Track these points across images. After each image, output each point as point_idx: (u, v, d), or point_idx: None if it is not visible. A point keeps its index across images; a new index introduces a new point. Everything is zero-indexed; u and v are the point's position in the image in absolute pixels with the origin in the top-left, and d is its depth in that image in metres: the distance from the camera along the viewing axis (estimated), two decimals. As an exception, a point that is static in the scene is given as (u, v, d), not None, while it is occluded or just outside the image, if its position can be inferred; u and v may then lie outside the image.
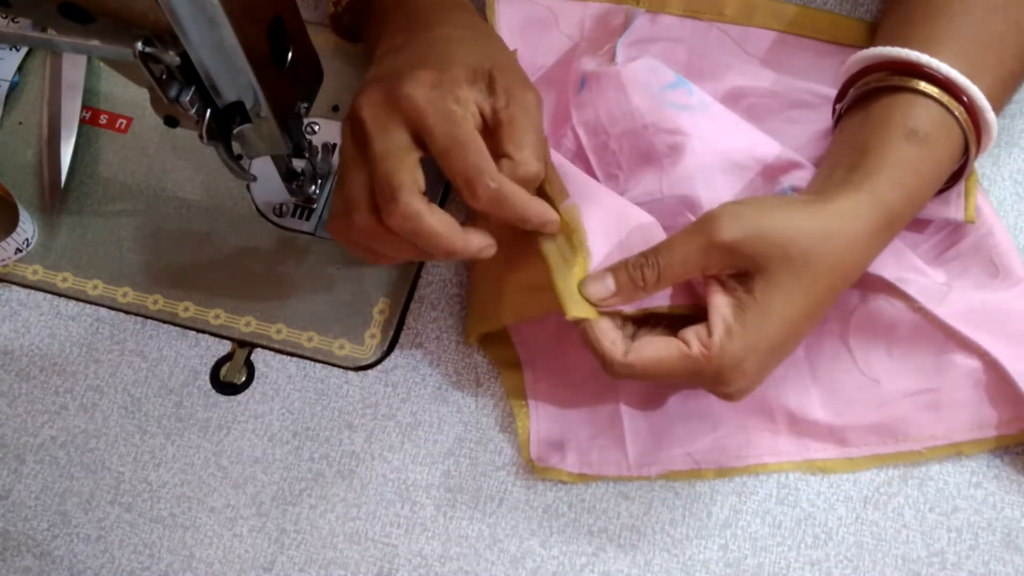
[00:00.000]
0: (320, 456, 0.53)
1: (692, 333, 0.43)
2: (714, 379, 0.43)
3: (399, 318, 0.56)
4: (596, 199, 0.48)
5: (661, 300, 0.47)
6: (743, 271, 0.43)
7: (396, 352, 0.55)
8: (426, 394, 0.54)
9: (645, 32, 0.59)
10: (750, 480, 0.51)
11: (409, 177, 0.43)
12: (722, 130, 0.51)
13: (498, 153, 0.44)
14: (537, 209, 0.44)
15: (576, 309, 0.45)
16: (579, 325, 0.45)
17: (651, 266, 0.44)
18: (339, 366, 0.55)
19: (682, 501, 0.51)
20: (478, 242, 0.45)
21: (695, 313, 0.46)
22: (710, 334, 0.43)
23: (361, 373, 0.55)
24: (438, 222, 0.43)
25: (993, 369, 0.49)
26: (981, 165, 0.56)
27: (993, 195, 0.55)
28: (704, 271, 0.44)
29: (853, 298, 0.51)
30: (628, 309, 0.46)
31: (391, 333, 0.55)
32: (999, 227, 0.52)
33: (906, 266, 0.50)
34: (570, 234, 0.47)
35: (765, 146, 0.51)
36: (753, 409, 0.51)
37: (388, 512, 0.52)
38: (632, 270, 0.44)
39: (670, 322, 0.46)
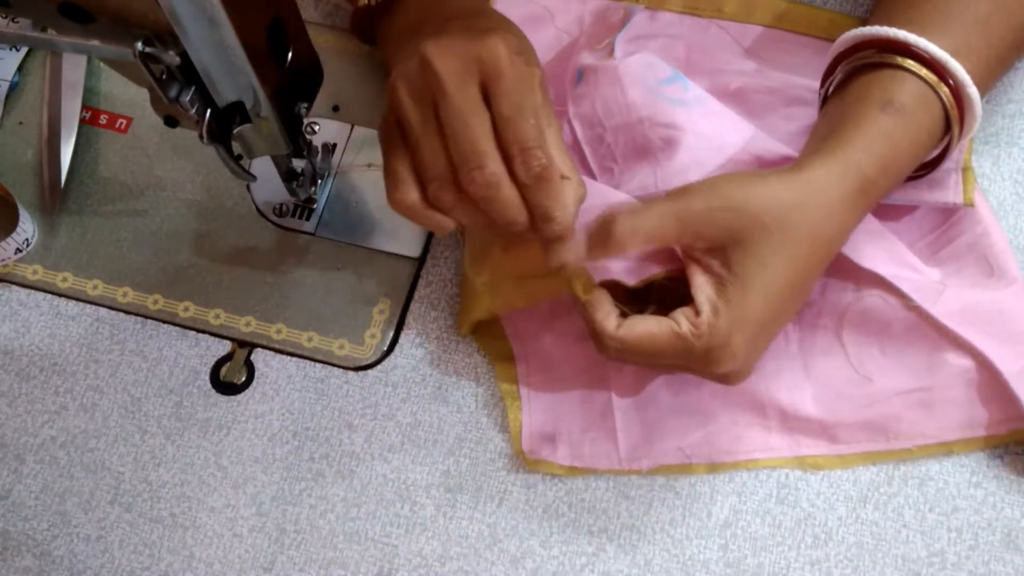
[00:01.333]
0: (320, 456, 0.53)
1: (680, 313, 0.44)
2: (704, 359, 0.43)
3: (399, 318, 0.56)
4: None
5: (664, 267, 0.46)
6: (719, 246, 0.43)
7: (396, 352, 0.55)
8: (426, 394, 0.54)
9: (644, 28, 0.59)
10: (750, 480, 0.51)
11: (491, 143, 0.42)
12: (717, 125, 0.52)
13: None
14: (567, 210, 0.44)
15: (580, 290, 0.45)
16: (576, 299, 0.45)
17: (621, 222, 0.44)
18: (339, 366, 0.55)
19: (682, 501, 0.51)
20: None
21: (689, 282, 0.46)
22: (697, 314, 0.43)
23: (361, 373, 0.55)
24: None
25: (985, 369, 0.49)
26: (981, 165, 0.56)
27: (993, 195, 0.55)
28: (678, 240, 0.44)
29: (848, 295, 0.51)
30: (630, 282, 0.46)
31: (391, 333, 0.56)
32: (995, 227, 0.52)
33: (901, 263, 0.50)
34: None
35: (760, 141, 0.51)
36: (745, 404, 0.52)
37: (388, 512, 0.52)
38: (602, 224, 0.44)
39: (661, 310, 0.46)
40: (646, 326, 0.44)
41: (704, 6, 0.60)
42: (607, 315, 0.45)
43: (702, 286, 0.44)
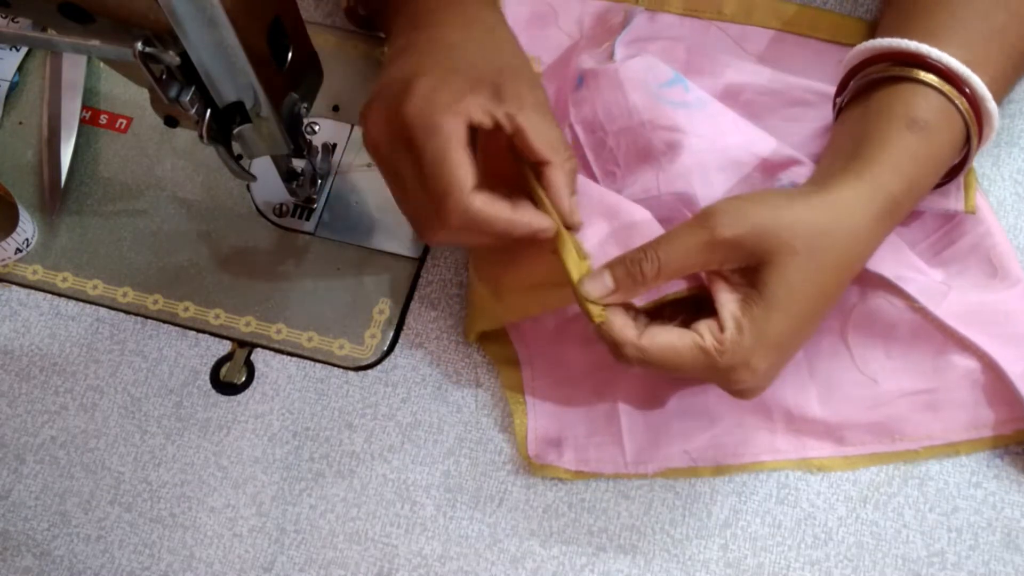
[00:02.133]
0: (320, 456, 0.53)
1: (705, 327, 0.43)
2: (724, 376, 0.43)
3: (399, 318, 0.56)
4: (590, 198, 0.48)
5: (674, 287, 0.46)
6: (747, 266, 0.43)
7: (396, 352, 0.55)
8: (426, 394, 0.54)
9: (644, 30, 0.59)
10: (750, 480, 0.51)
11: (456, 170, 0.44)
12: (719, 127, 0.51)
13: (531, 160, 0.45)
14: (524, 219, 0.44)
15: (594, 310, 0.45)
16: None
17: (650, 260, 0.43)
18: (339, 366, 0.55)
19: (682, 501, 0.51)
20: (539, 223, 0.45)
21: (707, 296, 0.45)
22: (722, 329, 0.42)
23: (361, 373, 0.55)
24: (496, 206, 0.44)
25: (991, 370, 0.49)
26: (981, 165, 0.56)
27: (993, 195, 0.55)
28: (705, 266, 0.44)
29: (852, 296, 0.51)
30: (639, 302, 0.45)
31: (391, 333, 0.56)
32: (997, 227, 0.52)
33: (905, 264, 0.50)
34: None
35: (763, 143, 0.51)
36: (750, 407, 0.51)
37: (388, 512, 0.52)
38: (631, 265, 0.44)
39: (681, 319, 0.46)
40: (668, 338, 0.43)
41: (704, 8, 0.60)
42: (625, 326, 0.44)
43: (727, 303, 0.43)
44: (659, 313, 0.46)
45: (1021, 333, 0.49)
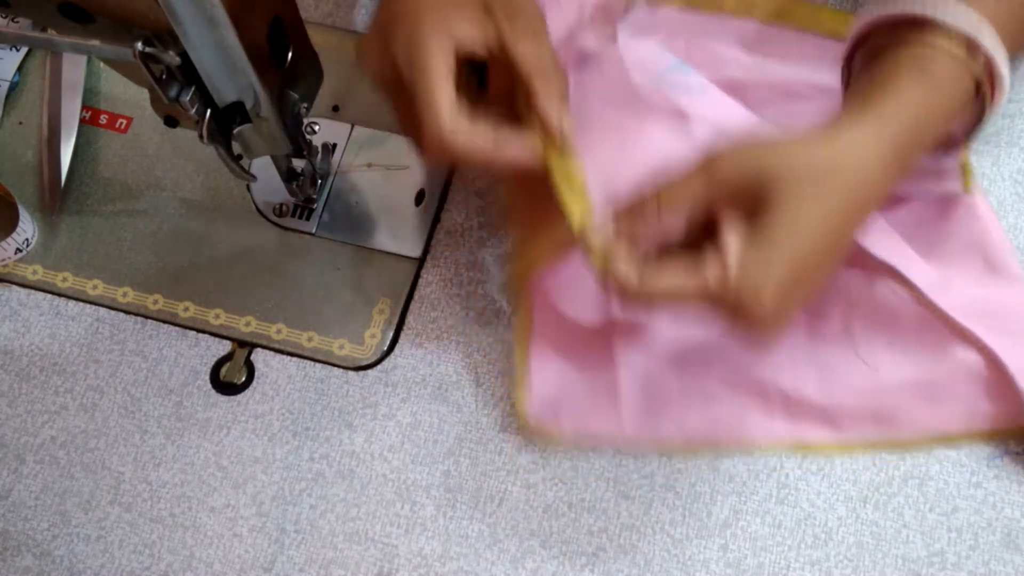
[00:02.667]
0: (320, 456, 0.53)
1: (710, 264, 0.42)
2: (734, 307, 0.42)
3: (399, 318, 0.56)
4: (594, 149, 0.48)
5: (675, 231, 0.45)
6: (750, 196, 0.42)
7: (396, 352, 0.55)
8: (426, 394, 0.54)
9: (645, 23, 0.59)
10: (750, 480, 0.51)
11: (433, 104, 0.44)
12: (720, 113, 0.52)
13: (519, 82, 0.45)
14: (504, 152, 0.45)
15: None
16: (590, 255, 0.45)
17: (651, 198, 0.43)
18: (339, 366, 0.55)
19: (682, 501, 0.51)
20: (517, 154, 0.45)
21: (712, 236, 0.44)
22: (728, 267, 0.42)
23: (361, 373, 0.55)
24: (476, 139, 0.44)
25: (992, 364, 0.49)
26: (981, 165, 0.56)
27: (993, 195, 0.55)
28: (708, 202, 0.43)
29: (857, 284, 0.51)
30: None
31: (391, 333, 0.56)
32: (995, 223, 0.53)
33: (903, 257, 0.50)
34: (576, 188, 0.46)
35: (763, 128, 0.51)
36: (749, 388, 0.52)
37: (388, 512, 0.52)
38: (634, 205, 0.44)
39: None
40: (672, 280, 0.42)
41: (704, 2, 0.60)
42: (629, 268, 0.43)
43: (730, 234, 0.42)
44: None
45: (1021, 329, 0.49)
